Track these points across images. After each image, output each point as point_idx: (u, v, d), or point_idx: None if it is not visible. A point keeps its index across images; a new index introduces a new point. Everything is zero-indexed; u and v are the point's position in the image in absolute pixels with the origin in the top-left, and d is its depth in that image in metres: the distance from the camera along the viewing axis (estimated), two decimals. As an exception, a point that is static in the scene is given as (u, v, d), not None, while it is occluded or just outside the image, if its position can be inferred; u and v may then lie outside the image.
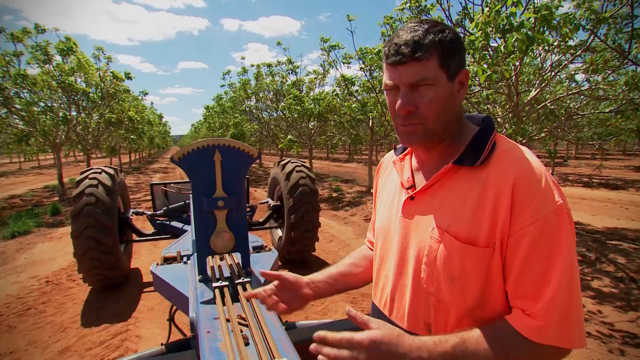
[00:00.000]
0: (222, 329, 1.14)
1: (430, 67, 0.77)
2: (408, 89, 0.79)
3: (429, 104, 0.79)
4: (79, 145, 11.74)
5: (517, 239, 0.72)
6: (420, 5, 5.61)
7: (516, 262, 0.73)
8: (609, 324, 3.27)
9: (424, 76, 0.77)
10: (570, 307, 0.71)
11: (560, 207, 0.72)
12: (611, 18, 3.74)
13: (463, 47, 0.82)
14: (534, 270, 0.71)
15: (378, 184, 1.12)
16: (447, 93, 0.80)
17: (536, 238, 0.71)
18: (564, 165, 18.91)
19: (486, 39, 3.53)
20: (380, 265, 0.99)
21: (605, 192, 10.47)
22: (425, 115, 0.80)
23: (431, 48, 0.76)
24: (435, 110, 0.79)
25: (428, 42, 0.76)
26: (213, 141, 1.50)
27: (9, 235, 6.43)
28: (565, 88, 8.43)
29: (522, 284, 0.73)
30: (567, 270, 0.70)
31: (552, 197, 0.72)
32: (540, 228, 0.71)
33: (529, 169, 0.74)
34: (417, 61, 0.77)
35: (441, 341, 0.73)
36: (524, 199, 0.72)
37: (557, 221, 0.71)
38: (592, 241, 5.53)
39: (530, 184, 0.73)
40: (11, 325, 3.41)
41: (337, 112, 10.57)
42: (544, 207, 0.71)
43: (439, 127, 0.82)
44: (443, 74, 0.78)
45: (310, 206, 4.38)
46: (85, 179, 3.76)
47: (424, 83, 0.78)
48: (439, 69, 0.78)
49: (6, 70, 8.83)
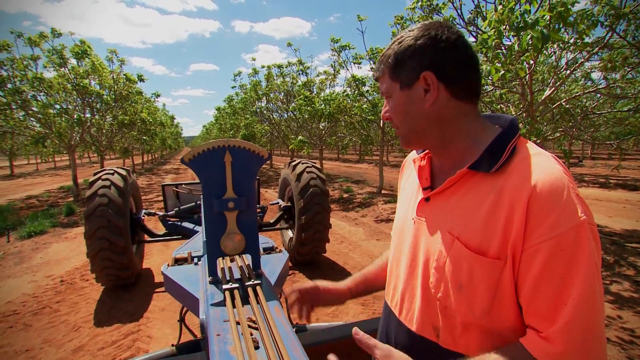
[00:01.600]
0: (232, 332, 1.13)
1: (384, 81, 0.88)
2: (386, 100, 0.91)
3: (391, 112, 0.88)
4: (93, 146, 11.95)
5: (531, 254, 0.68)
6: (431, 5, 5.56)
7: (529, 279, 0.68)
8: (629, 329, 3.17)
9: (382, 90, 0.90)
10: (590, 334, 0.65)
11: (581, 224, 0.66)
12: (631, 13, 3.63)
13: (428, 49, 0.79)
14: (549, 289, 0.66)
15: (401, 182, 1.10)
16: (402, 101, 0.84)
17: (551, 255, 0.66)
18: (579, 166, 18.52)
19: (499, 37, 3.47)
20: (394, 265, 0.98)
21: (623, 193, 10.21)
22: (395, 123, 0.89)
23: (383, 65, 0.87)
24: (397, 118, 0.87)
25: (382, 58, 0.87)
26: (223, 142, 1.49)
27: (26, 235, 6.57)
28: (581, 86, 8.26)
29: (535, 303, 0.68)
30: (587, 293, 0.65)
31: (573, 212, 0.67)
32: (556, 245, 0.65)
33: (548, 180, 0.69)
34: (378, 80, 0.91)
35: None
36: (540, 212, 0.67)
37: (577, 237, 0.65)
38: (610, 244, 5.38)
39: (548, 197, 0.67)
40: (27, 324, 3.47)
41: (347, 113, 10.54)
42: (562, 222, 0.66)
43: (410, 132, 0.87)
44: (395, 84, 0.85)
45: (321, 207, 4.36)
46: (98, 180, 3.81)
47: (385, 95, 0.89)
48: (390, 81, 0.85)
49: (24, 73, 9.06)
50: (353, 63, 10.24)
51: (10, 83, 8.86)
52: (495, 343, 0.75)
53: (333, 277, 4.48)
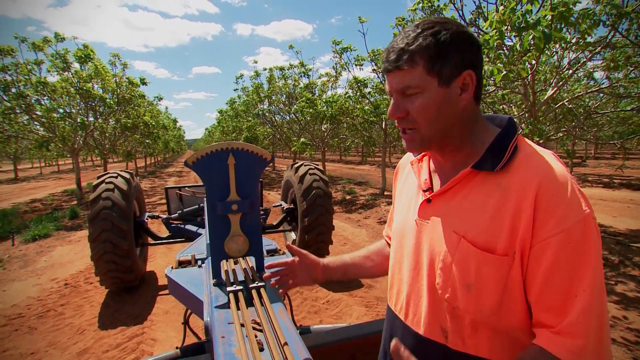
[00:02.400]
0: (237, 334, 1.13)
1: (414, 74, 0.76)
2: (398, 96, 0.80)
3: (418, 111, 0.78)
4: (96, 150, 12.01)
5: (540, 249, 0.68)
6: (432, 6, 5.56)
7: (539, 274, 0.69)
8: (635, 330, 3.15)
9: (408, 84, 0.77)
10: (603, 323, 0.67)
11: (587, 217, 0.68)
12: (633, 12, 3.62)
13: (467, 46, 0.77)
14: (559, 282, 0.67)
15: (397, 185, 1.09)
16: (439, 99, 0.77)
17: (561, 249, 0.67)
18: (583, 166, 18.44)
19: (501, 37, 3.47)
20: (396, 268, 0.97)
21: (627, 193, 10.15)
22: (417, 122, 0.79)
23: (417, 55, 0.75)
24: (426, 117, 0.78)
25: (414, 48, 0.75)
26: (227, 145, 1.50)
27: (30, 239, 6.61)
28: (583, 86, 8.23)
29: (546, 297, 0.69)
30: (597, 283, 0.66)
31: (578, 206, 0.68)
32: (565, 238, 0.67)
33: (553, 177, 0.70)
34: (400, 70, 0.77)
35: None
36: (548, 208, 0.68)
37: (584, 231, 0.67)
38: (614, 244, 5.35)
39: (555, 193, 0.69)
40: (32, 327, 3.49)
41: (349, 114, 10.55)
42: (569, 216, 0.67)
43: (436, 134, 0.80)
44: (432, 79, 0.76)
45: (323, 209, 4.36)
46: (101, 183, 3.83)
47: (408, 92, 0.78)
48: (427, 75, 0.76)
49: (28, 78, 9.13)
50: (355, 65, 10.25)
51: (14, 87, 8.94)
52: (505, 342, 0.75)
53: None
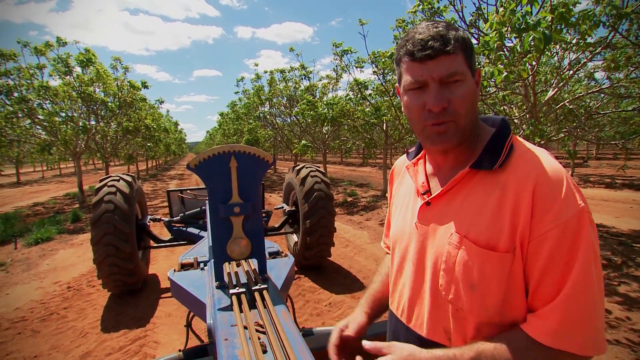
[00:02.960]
0: (240, 336, 1.13)
1: (459, 61, 0.76)
2: (439, 85, 0.76)
3: (461, 100, 0.76)
4: (98, 153, 12.05)
5: (538, 243, 0.70)
6: (432, 8, 5.57)
7: (537, 267, 0.71)
8: (638, 331, 3.13)
9: (456, 70, 0.75)
10: (586, 311, 0.68)
11: (581, 210, 0.70)
12: (633, 13, 3.62)
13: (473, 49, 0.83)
14: (554, 274, 0.70)
15: (392, 189, 1.10)
16: (473, 90, 0.79)
17: (557, 242, 0.69)
18: (584, 166, 18.40)
19: (501, 39, 3.47)
20: (397, 273, 0.97)
21: (629, 193, 10.12)
22: (458, 112, 0.77)
23: (457, 43, 0.75)
24: (467, 107, 0.77)
25: (453, 37, 0.75)
26: (229, 148, 1.50)
27: (33, 242, 6.62)
28: (584, 87, 8.22)
29: (541, 289, 0.71)
30: (583, 273, 0.68)
31: (573, 200, 0.70)
32: (561, 232, 0.69)
33: (549, 172, 0.72)
34: (448, 54, 0.74)
35: (456, 356, 0.72)
36: (545, 203, 0.70)
37: (579, 224, 0.69)
38: (617, 244, 5.33)
39: (552, 188, 0.71)
40: (35, 330, 3.49)
41: (350, 117, 10.56)
42: (565, 211, 0.69)
43: (469, 125, 0.80)
44: (468, 70, 0.78)
45: (325, 211, 4.36)
46: (104, 187, 3.84)
47: (454, 79, 0.75)
48: (465, 65, 0.77)
49: (30, 82, 9.18)
50: (355, 67, 10.27)
51: (16, 92, 8.97)
52: None
53: (338, 281, 4.48)
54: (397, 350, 0.78)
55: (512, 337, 0.72)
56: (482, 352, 0.71)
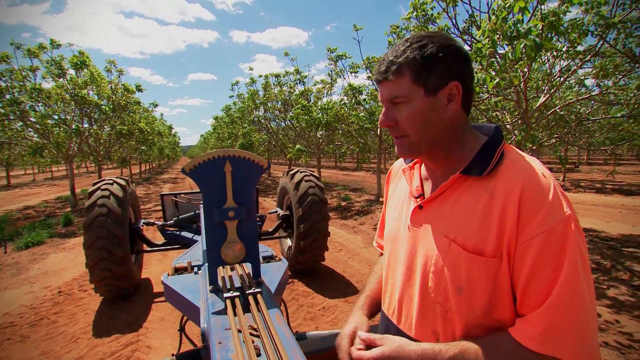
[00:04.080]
0: (234, 339, 1.14)
1: (401, 84, 0.81)
2: (389, 105, 0.85)
3: (406, 120, 0.83)
4: (91, 156, 11.94)
5: (524, 249, 0.72)
6: (426, 14, 5.64)
7: (523, 273, 0.72)
8: (627, 334, 3.18)
9: (396, 94, 0.82)
10: (574, 316, 0.68)
11: (567, 218, 0.71)
12: (620, 23, 3.71)
13: (453, 59, 0.81)
14: (541, 281, 0.71)
15: (388, 190, 1.12)
16: (425, 108, 0.81)
17: (543, 249, 0.70)
18: (576, 172, 18.63)
19: (493, 46, 3.53)
20: (389, 273, 0.99)
21: (619, 198, 10.27)
22: (405, 130, 0.84)
23: (403, 66, 0.80)
24: (414, 125, 0.83)
25: (401, 60, 0.80)
26: (224, 152, 1.52)
27: (23, 246, 6.54)
28: (575, 93, 8.36)
29: (529, 294, 0.72)
30: (571, 280, 0.69)
31: (559, 207, 0.72)
32: (547, 239, 0.70)
33: (536, 180, 0.74)
34: (388, 80, 0.83)
35: (441, 351, 0.75)
36: (531, 209, 0.71)
37: (564, 232, 0.70)
38: (606, 248, 5.41)
39: (538, 195, 0.72)
40: (24, 336, 3.44)
41: (345, 121, 10.61)
42: (551, 218, 0.70)
43: (424, 141, 0.84)
44: (419, 89, 0.81)
45: (319, 215, 4.37)
46: (97, 190, 3.82)
47: (396, 101, 0.83)
48: (413, 85, 0.80)
49: (23, 84, 9.10)
50: (350, 72, 10.34)
51: (8, 94, 8.89)
52: None
53: (332, 285, 4.49)
54: (388, 342, 0.83)
55: (499, 340, 0.74)
56: (466, 350, 0.73)
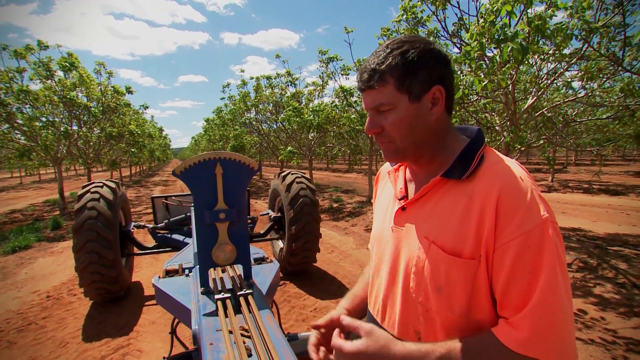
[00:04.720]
0: (225, 340, 1.15)
1: (385, 92, 0.82)
2: (373, 112, 0.86)
3: (392, 126, 0.84)
4: (80, 159, 11.79)
5: (502, 252, 0.73)
6: (416, 17, 5.70)
7: (502, 276, 0.73)
8: (612, 330, 3.25)
9: (380, 102, 0.83)
10: (556, 319, 0.70)
11: (544, 221, 0.72)
12: (603, 27, 3.80)
13: (435, 63, 0.82)
14: (519, 283, 0.71)
15: (376, 193, 1.14)
16: (411, 114, 0.82)
17: (520, 252, 0.71)
18: (564, 172, 18.93)
19: (481, 49, 3.59)
20: (375, 274, 1.01)
21: (605, 198, 10.48)
22: (392, 136, 0.85)
23: (387, 74, 0.81)
24: (400, 131, 0.84)
25: (384, 68, 0.81)
26: (214, 154, 1.53)
27: (10, 250, 6.42)
28: (562, 95, 8.50)
29: (508, 297, 0.73)
30: (550, 283, 0.70)
31: (536, 210, 0.72)
32: (524, 242, 0.71)
33: (514, 183, 0.75)
34: (372, 89, 0.83)
35: (428, 352, 0.75)
36: (508, 212, 0.72)
37: (542, 234, 0.71)
38: (593, 247, 5.52)
39: (515, 198, 0.73)
40: (11, 341, 3.39)
41: (336, 123, 10.64)
42: (528, 221, 0.71)
43: (410, 146, 0.86)
44: (403, 96, 0.82)
45: (310, 217, 4.39)
46: (87, 193, 3.78)
47: (381, 109, 0.84)
48: (397, 92, 0.81)
49: (9, 86, 8.94)
50: (341, 74, 10.39)
51: (-6, 96, 8.74)
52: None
53: (324, 286, 4.50)
54: (373, 337, 0.79)
55: (484, 341, 0.74)
56: (452, 350, 0.74)
